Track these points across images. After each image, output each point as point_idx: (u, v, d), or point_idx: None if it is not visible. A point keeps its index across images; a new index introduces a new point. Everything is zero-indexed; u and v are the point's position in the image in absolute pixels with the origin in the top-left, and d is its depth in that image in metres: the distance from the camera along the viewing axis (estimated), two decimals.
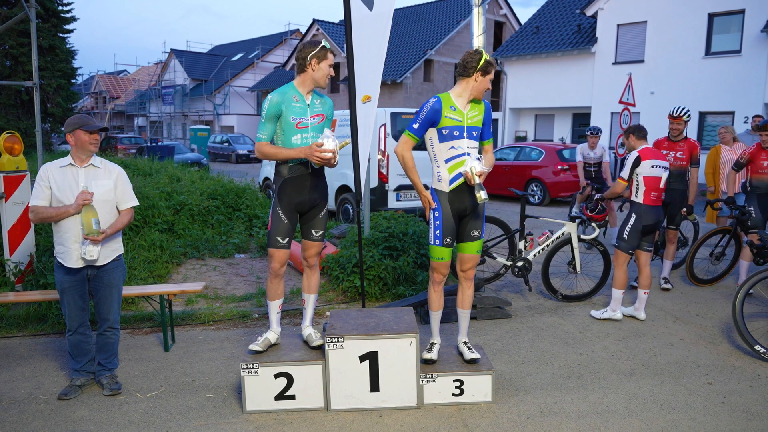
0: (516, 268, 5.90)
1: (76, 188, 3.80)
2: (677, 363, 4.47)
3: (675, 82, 18.12)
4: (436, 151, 3.75)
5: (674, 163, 6.22)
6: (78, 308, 3.96)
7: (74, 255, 3.83)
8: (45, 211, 3.77)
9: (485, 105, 3.81)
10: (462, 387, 3.78)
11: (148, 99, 46.22)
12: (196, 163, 20.68)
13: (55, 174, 3.82)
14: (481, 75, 3.64)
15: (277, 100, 3.67)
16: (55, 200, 3.80)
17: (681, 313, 5.70)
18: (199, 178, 10.78)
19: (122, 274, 4.08)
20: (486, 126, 3.82)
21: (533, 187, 14.05)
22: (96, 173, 3.89)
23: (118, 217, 3.97)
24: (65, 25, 24.88)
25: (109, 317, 4.03)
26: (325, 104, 3.88)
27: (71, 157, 3.86)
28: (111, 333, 4.07)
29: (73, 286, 3.90)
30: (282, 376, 3.71)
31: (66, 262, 3.85)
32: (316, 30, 32.87)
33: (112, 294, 4.02)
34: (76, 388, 4.01)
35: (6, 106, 22.40)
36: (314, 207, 3.89)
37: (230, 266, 7.34)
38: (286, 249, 3.83)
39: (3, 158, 5.73)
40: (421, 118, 3.68)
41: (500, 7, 30.31)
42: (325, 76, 3.75)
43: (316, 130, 3.76)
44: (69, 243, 3.82)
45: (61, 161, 3.88)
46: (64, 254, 3.85)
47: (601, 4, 19.98)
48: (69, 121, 3.86)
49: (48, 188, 3.79)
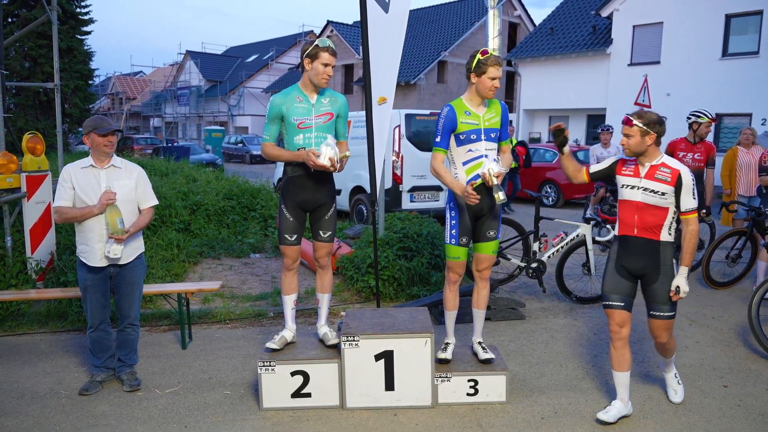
0: (530, 270, 5.91)
1: (98, 189, 3.86)
2: (692, 366, 4.46)
3: (691, 83, 17.98)
4: (454, 155, 3.81)
5: (691, 164, 6.20)
6: (100, 306, 4.03)
7: (98, 254, 3.89)
8: (69, 212, 3.83)
9: (502, 106, 3.83)
10: (476, 387, 3.80)
11: (164, 100, 46.66)
12: (211, 163, 20.83)
13: (77, 175, 3.88)
14: (476, 76, 3.67)
15: (279, 101, 3.73)
16: (78, 201, 3.86)
17: (696, 316, 5.67)
18: (214, 178, 10.89)
19: (143, 272, 4.17)
20: (503, 127, 3.84)
21: (547, 188, 14.02)
22: (117, 173, 3.96)
23: (139, 216, 4.04)
24: (83, 27, 25.18)
25: (130, 314, 4.10)
26: (335, 102, 3.84)
27: (91, 158, 3.93)
28: (131, 330, 4.15)
29: (95, 284, 3.97)
30: (298, 374, 3.76)
31: (89, 261, 3.92)
32: (330, 31, 32.97)
33: (134, 292, 4.09)
34: (97, 384, 4.09)
35: (25, 107, 22.70)
36: (320, 207, 3.90)
37: (245, 266, 7.42)
38: (295, 245, 3.91)
39: (26, 158, 5.84)
40: (440, 130, 3.75)
41: (514, 9, 30.23)
42: (319, 74, 3.67)
43: (322, 129, 3.76)
44: (93, 242, 3.88)
45: (82, 162, 3.95)
46: (88, 253, 3.91)
47: (617, 5, 19.87)
48: (85, 123, 3.94)
49: (71, 189, 3.85)
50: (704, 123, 6.10)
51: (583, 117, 22.04)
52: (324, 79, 3.70)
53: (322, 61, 3.66)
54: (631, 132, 3.40)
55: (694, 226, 3.38)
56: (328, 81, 3.75)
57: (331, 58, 3.69)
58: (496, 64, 3.63)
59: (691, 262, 3.42)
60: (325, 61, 3.67)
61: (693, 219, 3.38)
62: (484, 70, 3.63)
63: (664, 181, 3.38)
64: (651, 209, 3.43)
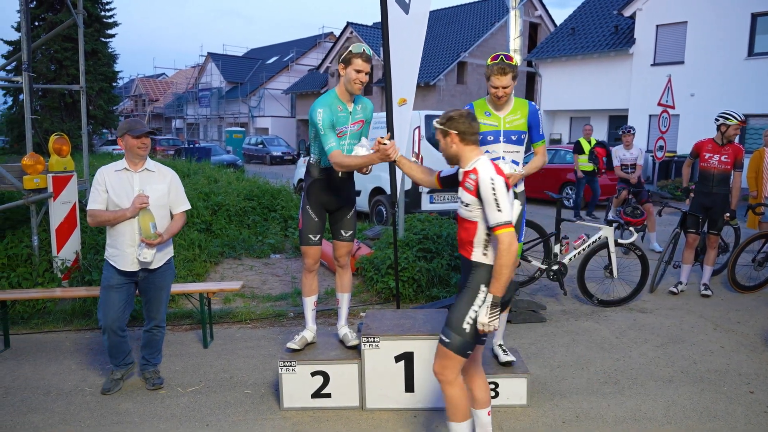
0: (551, 272, 5.86)
1: (131, 192, 3.81)
2: (717, 371, 4.38)
3: (716, 83, 17.68)
4: None
5: (718, 166, 6.09)
6: (120, 308, 3.93)
7: (129, 258, 3.84)
8: (102, 215, 3.78)
9: (530, 108, 3.79)
10: (497, 389, 3.78)
11: (186, 101, 47.20)
12: (231, 164, 21.01)
13: (111, 178, 3.82)
14: (486, 80, 3.67)
15: (328, 110, 3.58)
16: (111, 204, 3.80)
17: (721, 320, 5.57)
18: (235, 179, 10.99)
19: (172, 276, 4.14)
20: (534, 128, 3.80)
21: (568, 190, 13.88)
22: (151, 177, 3.90)
23: (172, 221, 4.00)
24: (107, 30, 25.60)
25: (157, 316, 4.08)
26: (365, 109, 3.84)
27: (125, 161, 3.88)
28: (158, 331, 4.14)
29: (121, 287, 3.91)
30: (318, 374, 3.77)
31: (119, 265, 3.85)
32: (350, 33, 33.06)
33: (162, 296, 4.06)
34: (117, 382, 4.10)
35: (50, 108, 23.13)
36: (342, 207, 3.92)
37: (266, 266, 7.47)
38: (318, 245, 3.92)
39: (52, 159, 5.95)
40: None
41: (535, 9, 30.01)
42: (351, 80, 3.60)
43: (353, 137, 3.77)
44: (124, 246, 3.82)
45: (115, 165, 3.89)
46: (118, 257, 3.85)
47: (640, 5, 19.62)
48: (120, 125, 3.90)
49: (105, 192, 3.79)
50: (732, 125, 6.00)
51: (605, 118, 21.80)
52: (357, 85, 3.62)
53: (355, 67, 3.58)
54: (438, 136, 2.91)
55: (504, 245, 2.64)
56: (362, 88, 3.66)
57: (365, 65, 3.59)
58: (499, 74, 3.61)
59: (501, 291, 2.70)
60: (358, 68, 3.58)
61: (505, 234, 2.65)
62: (489, 76, 3.66)
63: (468, 190, 2.77)
64: (463, 223, 2.85)
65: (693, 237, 6.31)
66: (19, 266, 5.88)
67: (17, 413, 3.79)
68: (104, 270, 3.98)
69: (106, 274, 3.95)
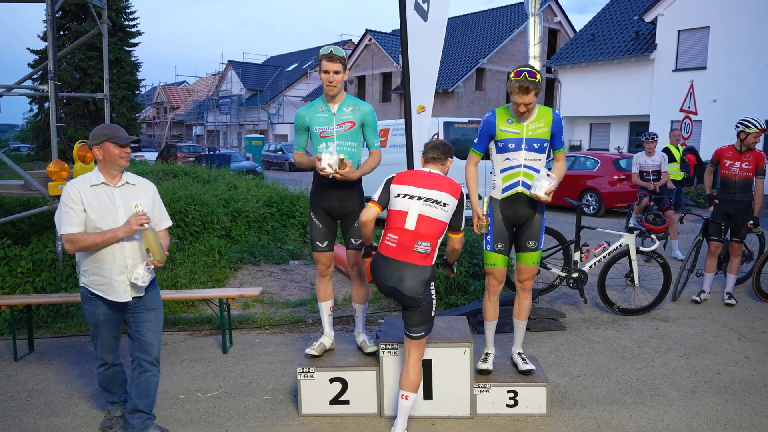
0: (571, 280, 5.81)
1: (113, 211, 3.20)
2: (742, 382, 4.30)
3: (739, 89, 17.43)
4: (494, 161, 3.84)
5: (739, 173, 6.00)
6: (113, 339, 3.45)
7: (121, 287, 3.24)
8: (87, 239, 3.10)
9: (554, 116, 3.71)
10: (516, 398, 3.75)
11: (206, 109, 47.78)
12: (251, 171, 21.20)
13: (87, 195, 3.16)
14: (509, 91, 3.63)
15: (303, 113, 3.84)
16: (89, 226, 3.15)
17: (746, 330, 5.47)
18: (254, 185, 11.08)
19: (159, 293, 3.57)
20: (555, 137, 3.76)
21: (588, 197, 13.76)
22: (134, 192, 3.30)
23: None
24: (131, 39, 26.07)
25: (154, 346, 3.40)
26: (358, 111, 3.81)
27: (100, 174, 3.23)
28: (155, 371, 3.44)
29: (110, 319, 3.35)
30: (337, 381, 3.78)
31: (110, 296, 3.25)
32: (369, 40, 33.23)
33: (157, 316, 3.44)
34: (118, 419, 3.63)
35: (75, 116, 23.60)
36: (348, 215, 3.92)
37: (285, 272, 7.51)
38: (327, 252, 3.96)
39: (76, 166, 6.06)
40: (479, 133, 3.80)
41: (554, 15, 29.91)
42: (323, 82, 3.67)
43: (343, 138, 3.78)
44: (113, 274, 3.21)
45: (88, 179, 3.22)
46: (106, 287, 3.24)
47: (661, 10, 19.45)
48: (95, 132, 3.23)
49: (82, 211, 3.14)
50: (752, 133, 5.91)
51: (626, 124, 21.60)
52: (328, 86, 3.68)
53: (322, 68, 3.68)
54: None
55: None
56: (336, 88, 3.68)
57: (329, 64, 3.62)
58: (521, 92, 3.49)
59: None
60: (324, 68, 3.66)
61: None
62: (510, 87, 3.58)
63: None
64: None
65: (715, 245, 6.22)
66: (44, 271, 6.00)
67: (41, 416, 3.85)
68: (85, 304, 3.33)
69: (90, 310, 3.32)
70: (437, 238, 3.31)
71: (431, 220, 3.27)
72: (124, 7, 25.77)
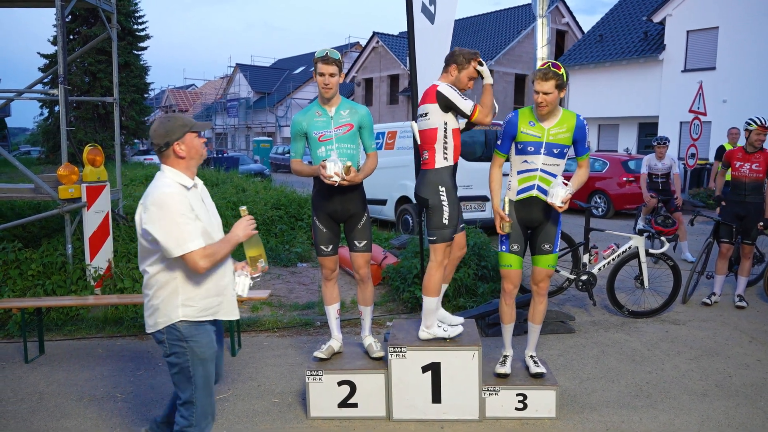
0: (580, 282, 5.78)
1: (207, 214, 2.76)
2: (753, 385, 4.26)
3: (749, 89, 17.30)
4: (512, 162, 3.82)
5: (749, 175, 5.95)
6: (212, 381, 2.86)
7: (233, 303, 2.86)
8: (220, 250, 2.65)
9: (577, 122, 3.65)
10: (525, 401, 3.74)
11: (214, 111, 48.02)
12: (259, 173, 21.26)
13: (191, 200, 2.67)
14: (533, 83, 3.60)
15: (299, 119, 3.78)
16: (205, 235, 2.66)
17: (757, 333, 5.42)
18: (263, 188, 11.12)
19: None
20: (578, 143, 3.71)
21: (597, 198, 13.70)
22: (207, 190, 2.89)
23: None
24: (140, 42, 26.22)
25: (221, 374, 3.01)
26: (355, 114, 3.79)
27: (181, 173, 2.69)
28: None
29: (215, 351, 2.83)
30: (345, 384, 3.78)
31: (225, 316, 2.82)
32: (376, 42, 33.26)
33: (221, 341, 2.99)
34: None
35: (84, 119, 23.74)
36: (351, 217, 3.90)
37: (293, 275, 7.52)
38: (331, 255, 3.95)
39: (86, 169, 6.11)
40: (502, 134, 3.75)
41: (562, 16, 29.82)
42: (319, 85, 3.66)
43: (342, 140, 3.74)
44: (228, 288, 2.83)
45: (180, 180, 2.67)
46: (221, 306, 2.79)
47: (670, 10, 19.35)
48: (167, 127, 2.65)
49: (197, 218, 2.64)
50: (753, 131, 5.88)
51: (635, 125, 21.49)
52: (323, 88, 3.65)
53: (318, 71, 3.64)
54: None
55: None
56: (332, 90, 3.65)
57: (325, 67, 3.60)
58: (540, 78, 3.51)
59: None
60: (319, 71, 3.62)
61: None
62: (535, 87, 3.57)
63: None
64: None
65: (726, 247, 6.17)
66: (54, 274, 6.04)
67: (51, 418, 3.87)
68: (199, 337, 2.71)
69: (204, 340, 2.73)
70: (432, 144, 3.71)
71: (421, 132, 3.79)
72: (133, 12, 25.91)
